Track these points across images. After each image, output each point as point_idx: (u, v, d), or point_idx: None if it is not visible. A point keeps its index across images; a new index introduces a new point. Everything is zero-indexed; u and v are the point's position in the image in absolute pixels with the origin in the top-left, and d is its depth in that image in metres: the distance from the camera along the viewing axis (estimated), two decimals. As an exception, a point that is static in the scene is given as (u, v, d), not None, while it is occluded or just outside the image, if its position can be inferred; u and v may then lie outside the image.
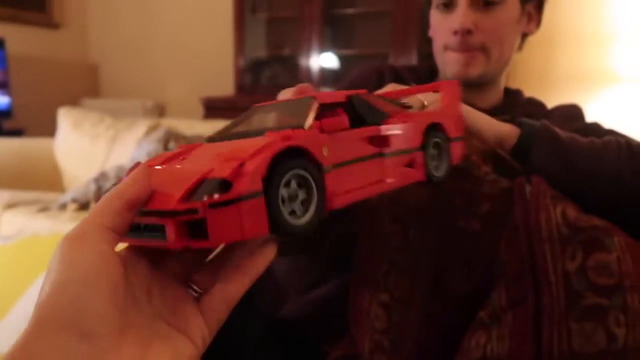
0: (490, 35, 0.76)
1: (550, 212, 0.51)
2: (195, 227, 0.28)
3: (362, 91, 0.39)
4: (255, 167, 0.28)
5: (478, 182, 0.55)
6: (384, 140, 0.37)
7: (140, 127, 2.38)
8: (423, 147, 0.40)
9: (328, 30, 3.04)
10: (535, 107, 0.83)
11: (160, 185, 0.30)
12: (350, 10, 3.02)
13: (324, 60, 3.02)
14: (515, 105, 0.83)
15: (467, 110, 0.59)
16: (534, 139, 0.57)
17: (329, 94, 0.37)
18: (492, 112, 0.62)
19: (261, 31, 3.25)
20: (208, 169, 0.29)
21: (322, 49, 2.97)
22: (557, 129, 0.58)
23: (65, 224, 1.81)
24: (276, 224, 0.29)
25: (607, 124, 0.75)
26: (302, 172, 0.31)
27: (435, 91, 0.49)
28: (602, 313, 0.47)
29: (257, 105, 0.40)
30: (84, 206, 1.96)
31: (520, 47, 0.85)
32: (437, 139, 0.42)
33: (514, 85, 0.91)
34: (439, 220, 0.56)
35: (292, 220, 0.30)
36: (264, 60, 3.19)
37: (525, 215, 0.51)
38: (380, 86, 0.81)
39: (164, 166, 0.33)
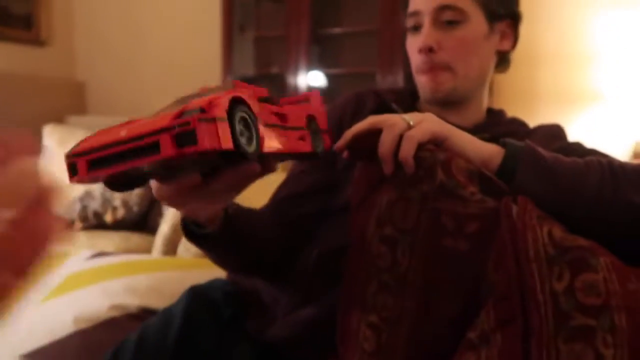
0: (453, 53, 0.78)
1: (537, 232, 0.51)
2: (183, 139, 0.38)
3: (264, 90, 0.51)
4: (222, 102, 0.40)
5: (465, 202, 0.55)
6: (283, 117, 0.51)
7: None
8: (308, 128, 0.54)
9: (315, 49, 3.06)
10: (517, 126, 0.84)
11: (137, 126, 0.41)
12: (337, 30, 3.06)
13: (312, 78, 3.04)
14: (497, 125, 0.84)
15: (450, 129, 0.59)
16: (518, 159, 0.57)
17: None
18: (474, 130, 0.63)
19: (249, 49, 3.27)
20: (181, 109, 0.40)
21: (310, 67, 3.00)
22: (540, 149, 0.59)
23: (49, 243, 1.78)
24: (237, 144, 0.41)
25: (589, 142, 0.77)
26: (246, 114, 0.43)
27: (306, 101, 0.59)
28: (590, 334, 0.47)
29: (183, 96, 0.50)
30: (67, 225, 1.93)
31: (504, 67, 0.87)
32: (313, 125, 0.56)
33: (497, 104, 0.92)
34: (426, 240, 0.56)
35: (245, 146, 0.43)
36: (252, 78, 3.21)
37: (513, 236, 0.52)
38: (358, 111, 0.83)
39: (124, 126, 0.43)
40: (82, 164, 0.42)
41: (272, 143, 0.47)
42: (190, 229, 0.62)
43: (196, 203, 0.53)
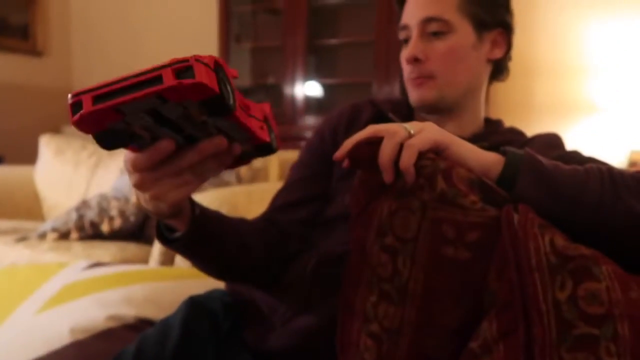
0: (439, 63, 0.80)
1: (539, 241, 0.51)
2: (182, 73, 0.44)
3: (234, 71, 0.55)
4: (209, 58, 0.47)
5: (465, 211, 0.55)
6: (246, 105, 0.56)
7: (124, 154, 2.36)
8: (265, 122, 0.61)
9: (312, 59, 3.08)
10: (515, 136, 0.85)
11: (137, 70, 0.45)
12: (333, 41, 3.08)
13: (308, 88, 3.05)
14: (496, 134, 0.84)
15: (451, 138, 0.59)
16: (519, 167, 0.57)
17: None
18: (473, 140, 0.63)
19: (246, 60, 3.28)
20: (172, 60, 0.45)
21: (306, 77, 3.01)
22: (540, 157, 0.59)
23: (44, 253, 1.76)
24: (222, 92, 0.47)
25: (586, 152, 0.77)
26: (225, 74, 0.49)
27: (265, 110, 0.63)
28: (593, 343, 0.47)
29: None
30: (64, 235, 1.92)
31: (501, 75, 0.87)
32: (268, 123, 0.62)
33: (494, 114, 0.92)
34: (427, 250, 0.56)
35: (228, 98, 0.48)
36: (249, 89, 3.22)
37: (514, 245, 0.52)
38: (353, 121, 0.84)
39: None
40: (87, 99, 0.45)
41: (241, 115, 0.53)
42: (162, 234, 0.67)
43: (163, 185, 0.54)
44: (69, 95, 0.46)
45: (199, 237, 0.66)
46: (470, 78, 0.83)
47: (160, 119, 0.48)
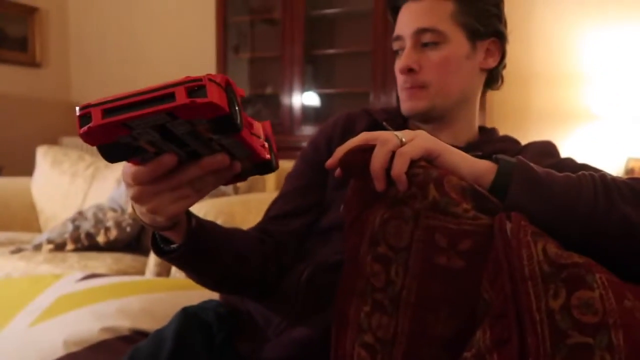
0: (433, 73, 0.80)
1: (532, 249, 0.51)
2: (195, 92, 0.45)
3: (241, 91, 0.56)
4: (221, 78, 0.48)
5: (458, 219, 0.55)
6: (250, 123, 0.57)
7: (120, 165, 2.35)
8: (266, 140, 0.61)
9: (309, 69, 3.09)
10: (509, 144, 0.85)
11: (149, 86, 0.46)
12: (331, 51, 3.09)
13: (306, 98, 3.06)
14: (490, 142, 0.84)
15: (443, 146, 0.59)
16: (511, 175, 0.57)
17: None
18: (467, 149, 0.63)
19: (244, 70, 3.29)
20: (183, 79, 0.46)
21: (304, 87, 3.02)
22: (533, 165, 0.59)
23: (40, 265, 1.75)
24: (232, 111, 0.48)
25: (582, 159, 0.77)
26: (234, 94, 0.49)
27: (267, 129, 0.63)
28: (588, 352, 0.46)
29: None
30: (59, 247, 1.91)
31: (496, 84, 0.88)
32: (269, 142, 0.62)
33: (490, 122, 0.93)
34: (420, 259, 0.56)
35: (237, 118, 0.49)
36: (247, 99, 3.22)
37: (507, 253, 0.51)
38: (348, 130, 0.84)
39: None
40: (97, 112, 0.46)
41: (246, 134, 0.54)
42: (158, 246, 0.66)
43: (162, 198, 0.54)
44: (77, 107, 0.46)
45: (195, 249, 0.66)
46: (463, 88, 0.83)
47: (166, 135, 0.48)
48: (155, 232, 0.66)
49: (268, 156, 0.59)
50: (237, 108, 0.50)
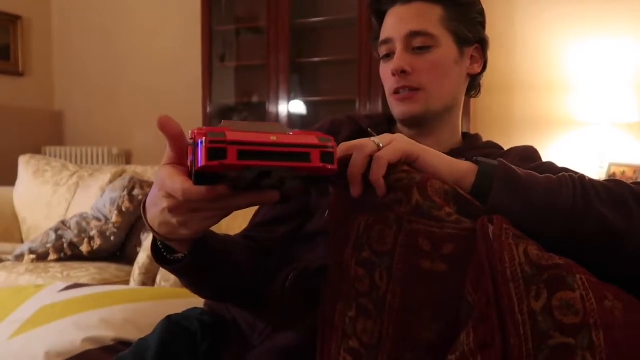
0: (426, 76, 0.80)
1: (514, 251, 0.51)
2: (326, 157, 0.47)
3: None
4: (332, 139, 0.49)
5: (441, 223, 0.55)
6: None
7: (105, 174, 2.33)
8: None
9: (295, 77, 3.10)
10: (492, 149, 0.86)
11: (285, 136, 0.47)
12: (316, 59, 3.10)
13: (292, 106, 3.06)
14: (473, 148, 0.85)
15: (421, 148, 0.60)
16: (493, 176, 0.57)
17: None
18: (450, 155, 0.64)
19: (230, 79, 3.29)
20: (315, 134, 0.49)
21: (290, 96, 3.02)
22: (514, 167, 0.59)
23: (21, 276, 1.72)
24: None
25: (563, 165, 0.78)
26: None
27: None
28: (569, 352, 0.47)
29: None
30: (42, 257, 1.88)
31: (475, 92, 0.89)
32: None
33: (474, 130, 0.94)
34: (404, 263, 0.56)
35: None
36: (233, 107, 3.22)
37: (489, 256, 0.51)
38: (333, 136, 0.83)
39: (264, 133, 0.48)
40: (233, 151, 0.45)
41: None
42: (160, 255, 0.63)
43: (198, 215, 0.53)
44: (208, 139, 0.44)
45: (199, 259, 0.63)
46: (453, 93, 0.84)
47: (262, 176, 0.48)
48: (157, 241, 0.63)
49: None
50: None
